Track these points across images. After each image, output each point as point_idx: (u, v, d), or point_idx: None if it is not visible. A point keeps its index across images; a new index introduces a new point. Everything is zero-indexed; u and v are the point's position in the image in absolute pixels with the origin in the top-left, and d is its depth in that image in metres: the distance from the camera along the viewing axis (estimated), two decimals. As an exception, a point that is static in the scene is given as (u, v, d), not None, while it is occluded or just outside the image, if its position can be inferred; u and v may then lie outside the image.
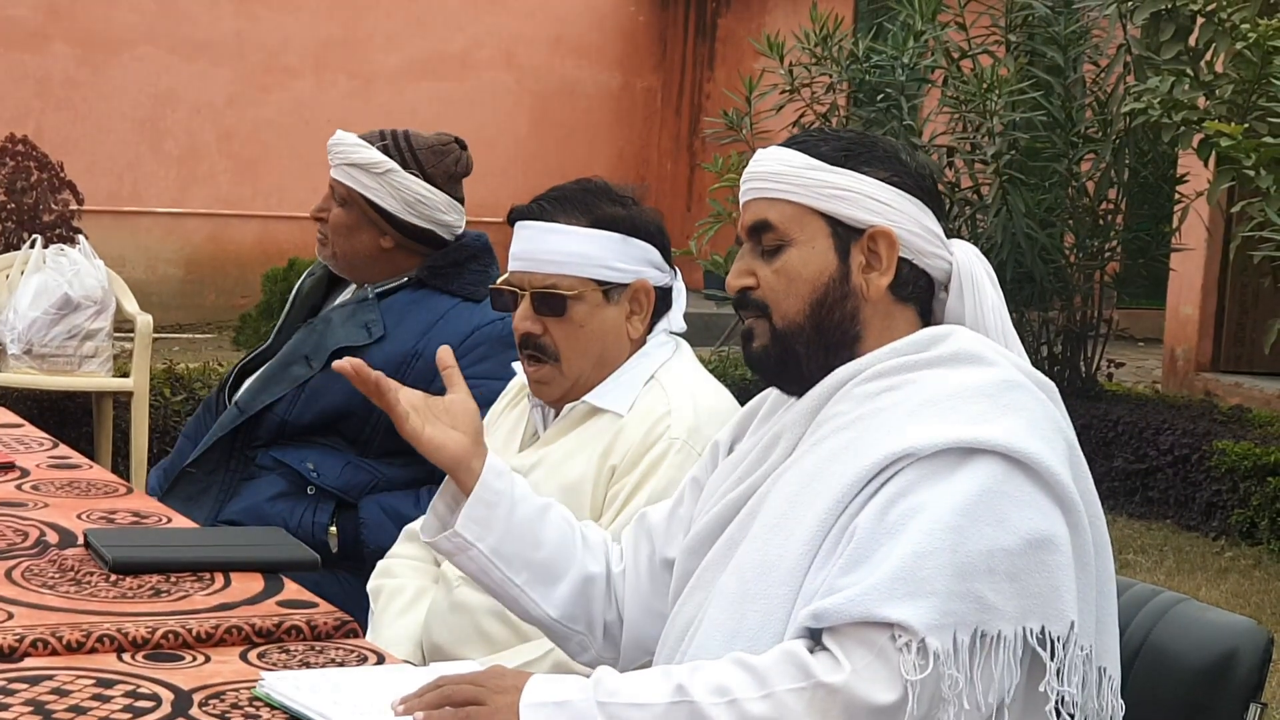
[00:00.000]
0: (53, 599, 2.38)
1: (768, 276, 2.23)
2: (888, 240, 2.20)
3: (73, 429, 6.75)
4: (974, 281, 2.24)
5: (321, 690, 2.06)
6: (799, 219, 2.21)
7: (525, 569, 2.38)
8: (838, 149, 2.23)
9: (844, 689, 1.94)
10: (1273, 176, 6.54)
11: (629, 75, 14.91)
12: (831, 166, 2.21)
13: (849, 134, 2.27)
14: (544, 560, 2.39)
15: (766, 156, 2.26)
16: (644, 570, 2.42)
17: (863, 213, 2.20)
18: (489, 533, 2.36)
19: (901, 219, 2.21)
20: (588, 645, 2.45)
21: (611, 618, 2.44)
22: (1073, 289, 8.96)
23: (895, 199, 2.21)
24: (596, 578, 2.43)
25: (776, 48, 8.84)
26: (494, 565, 2.38)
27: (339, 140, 3.70)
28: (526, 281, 2.83)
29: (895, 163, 2.23)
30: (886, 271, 2.21)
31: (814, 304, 2.21)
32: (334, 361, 2.38)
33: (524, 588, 2.39)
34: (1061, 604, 2.01)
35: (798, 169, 2.21)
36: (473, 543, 2.36)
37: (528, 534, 2.38)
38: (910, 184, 2.23)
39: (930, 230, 2.23)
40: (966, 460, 2.03)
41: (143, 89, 13.07)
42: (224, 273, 13.28)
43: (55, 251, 6.80)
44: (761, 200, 2.24)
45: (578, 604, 2.42)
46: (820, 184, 2.20)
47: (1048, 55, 8.58)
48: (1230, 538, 7.53)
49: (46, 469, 3.26)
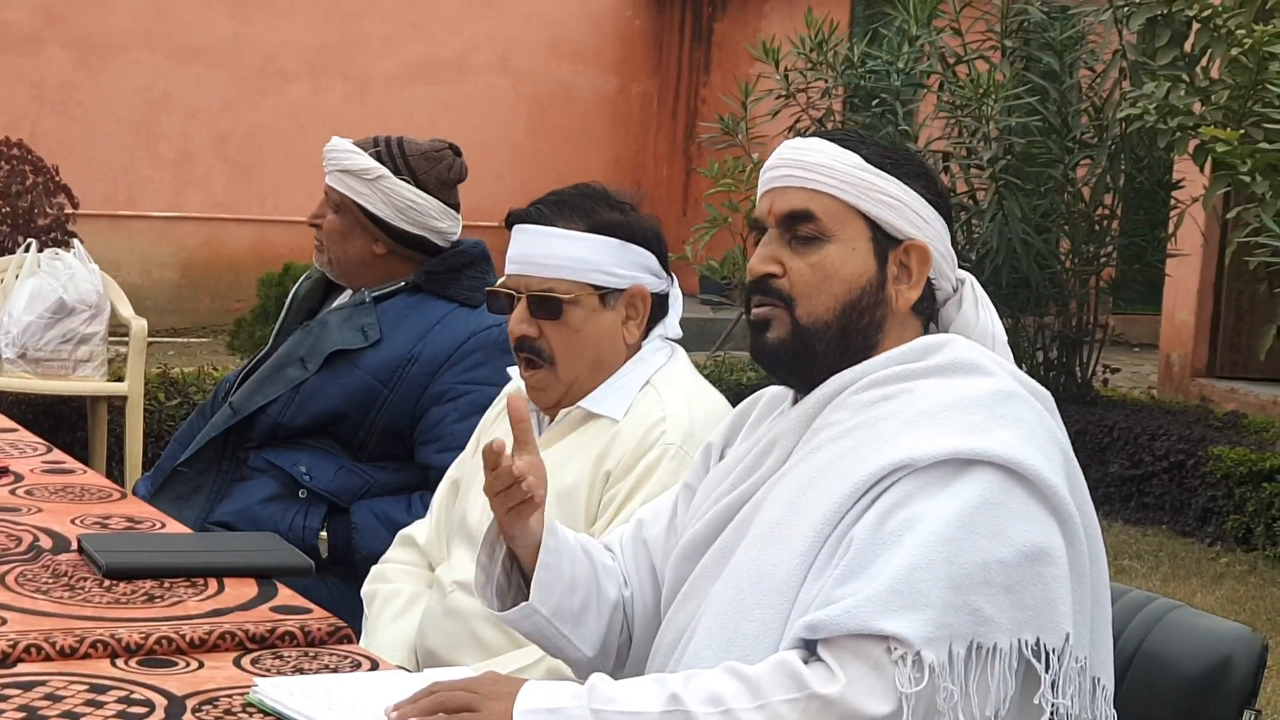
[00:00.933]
0: (46, 604, 2.38)
1: (800, 268, 2.19)
2: (922, 255, 2.19)
3: (67, 433, 6.73)
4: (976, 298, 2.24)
5: (315, 696, 2.05)
6: (843, 217, 2.19)
7: (570, 620, 2.32)
8: (880, 155, 2.21)
9: (839, 700, 1.94)
10: (1268, 182, 6.54)
11: (625, 80, 14.91)
12: (881, 172, 2.19)
13: (884, 141, 2.25)
14: (580, 605, 2.33)
15: (809, 147, 2.22)
16: (648, 589, 2.39)
17: (904, 223, 2.19)
18: (551, 596, 2.30)
19: (935, 238, 2.21)
20: (598, 665, 2.38)
21: (624, 640, 2.40)
22: (1068, 294, 8.96)
23: (933, 218, 2.21)
24: (616, 607, 2.38)
25: (772, 53, 8.84)
26: (551, 624, 2.31)
27: (333, 147, 3.71)
28: (523, 285, 2.82)
29: (930, 180, 2.23)
30: (915, 286, 2.20)
31: (846, 306, 2.18)
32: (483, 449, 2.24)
33: (569, 637, 2.33)
34: (1057, 616, 2.00)
35: (849, 166, 2.18)
36: (538, 609, 2.30)
37: (568, 583, 2.32)
38: (941, 204, 2.23)
39: (950, 251, 2.24)
40: (963, 472, 2.02)
41: (138, 93, 13.07)
42: (219, 277, 13.27)
43: (50, 255, 6.79)
44: (802, 190, 2.20)
45: (607, 637, 2.37)
46: (870, 186, 2.18)
47: (1043, 61, 8.59)
48: (1225, 544, 7.53)
49: (40, 474, 3.25)
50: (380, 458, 3.61)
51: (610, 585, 2.38)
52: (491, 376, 3.50)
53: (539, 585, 2.29)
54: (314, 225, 3.74)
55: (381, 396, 3.58)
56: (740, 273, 8.82)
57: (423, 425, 3.57)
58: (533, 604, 2.29)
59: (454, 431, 3.49)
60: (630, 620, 2.40)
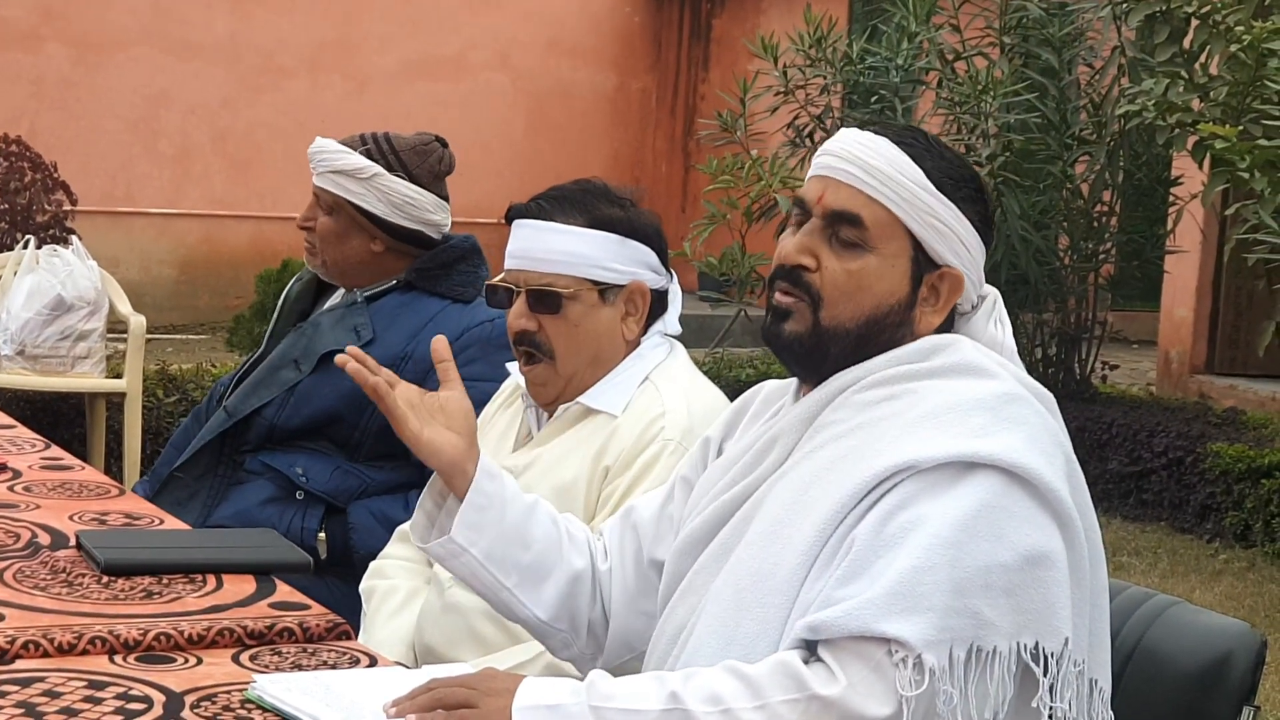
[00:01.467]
0: (44, 600, 2.38)
1: (835, 271, 2.16)
2: (954, 284, 2.18)
3: (65, 430, 6.73)
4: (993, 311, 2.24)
5: (313, 692, 2.05)
6: (891, 230, 2.16)
7: (515, 571, 2.37)
8: (944, 172, 2.17)
9: (838, 702, 1.94)
10: (1267, 179, 6.54)
11: (624, 77, 14.92)
12: (939, 194, 2.15)
13: (950, 154, 2.20)
14: (532, 561, 2.38)
15: (876, 147, 2.17)
16: (630, 568, 2.41)
17: (947, 251, 2.17)
18: (481, 537, 2.34)
19: (971, 266, 2.19)
20: (570, 643, 2.44)
21: (596, 616, 2.43)
22: (1067, 291, 8.96)
23: (975, 246, 2.19)
24: (582, 576, 2.41)
25: (771, 49, 8.84)
26: (485, 569, 2.36)
27: (320, 148, 3.67)
28: (522, 279, 2.82)
29: (981, 202, 2.20)
30: (940, 311, 2.19)
31: (871, 319, 2.17)
32: (336, 357, 2.35)
33: (514, 590, 2.38)
34: (1056, 620, 2.00)
35: (910, 182, 2.15)
36: (465, 548, 2.34)
37: (518, 536, 2.36)
38: (987, 232, 2.21)
39: (980, 277, 2.23)
40: (966, 474, 2.02)
41: (137, 90, 13.07)
42: (217, 274, 13.27)
43: (48, 252, 6.79)
44: (857, 191, 2.16)
45: (564, 604, 2.40)
46: (926, 208, 2.15)
47: (1042, 57, 8.59)
48: (1224, 540, 7.53)
49: (39, 470, 3.25)
50: (376, 457, 3.60)
51: (577, 557, 2.41)
52: (486, 372, 3.49)
53: (464, 524, 2.33)
54: (305, 229, 3.73)
55: (376, 396, 3.57)
56: (739, 269, 8.82)
57: (418, 423, 3.56)
58: (456, 540, 2.33)
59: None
60: (606, 597, 2.41)
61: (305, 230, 3.72)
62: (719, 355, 9.45)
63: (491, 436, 3.01)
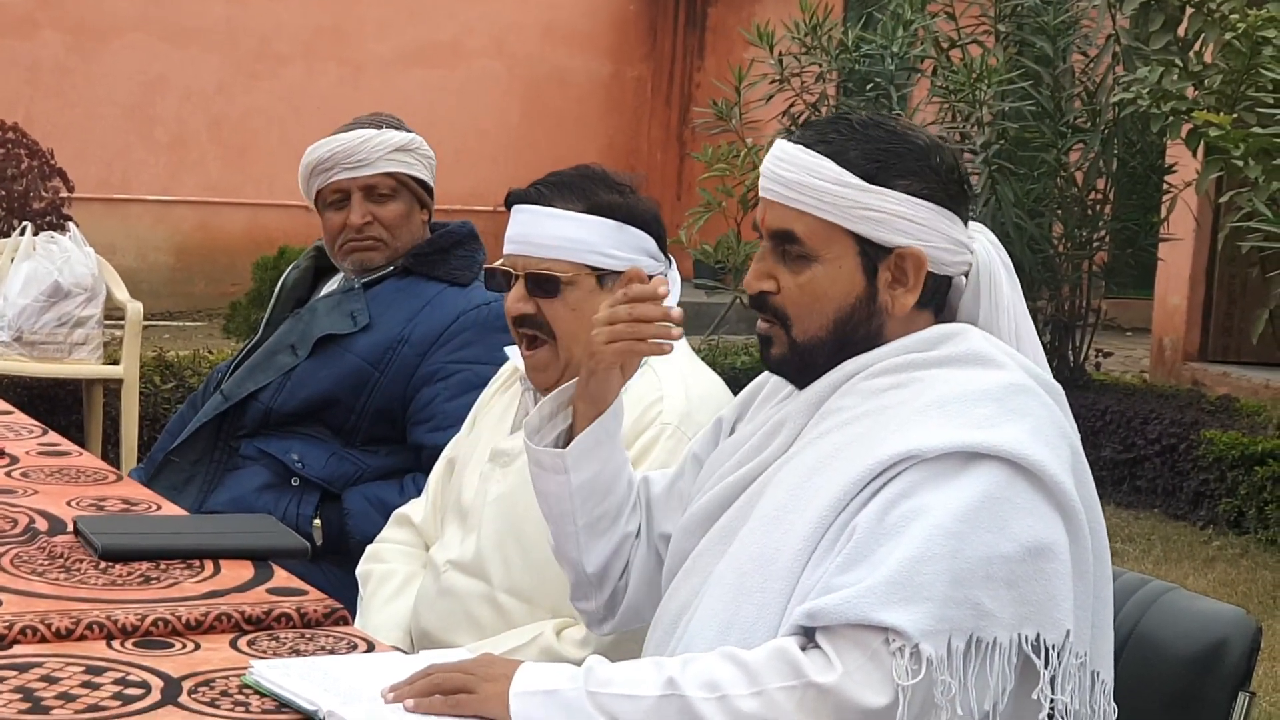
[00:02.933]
0: (42, 586, 2.38)
1: (791, 288, 2.18)
2: (916, 261, 2.16)
3: (63, 416, 6.73)
4: (991, 280, 2.21)
5: (311, 677, 2.05)
6: (827, 236, 2.16)
7: (589, 515, 2.37)
8: (869, 156, 2.15)
9: (835, 690, 1.94)
10: (1261, 166, 6.54)
11: (619, 64, 14.90)
12: (863, 183, 2.14)
13: (877, 133, 2.18)
14: (603, 513, 2.38)
15: (792, 159, 2.18)
16: (644, 545, 2.42)
17: (893, 234, 2.15)
18: (587, 466, 2.34)
19: (930, 236, 2.16)
20: (591, 596, 2.45)
21: (621, 585, 2.44)
22: (1061, 279, 8.97)
23: (926, 215, 2.16)
24: (627, 543, 2.42)
25: (766, 37, 8.83)
26: (571, 499, 2.36)
27: (366, 136, 3.64)
28: (521, 264, 2.82)
29: (927, 171, 2.16)
30: (913, 289, 2.17)
31: (838, 322, 2.17)
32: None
33: (580, 531, 2.38)
34: (1058, 612, 2.00)
35: (828, 184, 2.14)
36: (568, 469, 2.34)
37: (606, 485, 2.37)
38: (939, 193, 2.17)
39: (955, 240, 2.19)
40: (970, 465, 2.02)
41: (133, 76, 13.04)
42: (214, 260, 13.25)
43: (45, 239, 6.79)
44: (787, 209, 2.18)
45: (609, 564, 2.41)
46: (851, 204, 2.14)
47: (1037, 45, 8.59)
48: (1218, 527, 7.54)
49: (36, 456, 3.26)
50: (372, 442, 3.61)
51: (634, 520, 2.42)
52: (482, 355, 3.50)
53: (581, 449, 2.33)
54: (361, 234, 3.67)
55: (373, 379, 3.58)
56: (734, 256, 8.83)
57: (414, 405, 3.57)
58: (565, 457, 2.33)
59: (446, 410, 3.49)
60: (630, 566, 2.43)
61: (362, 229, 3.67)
62: (714, 343, 9.45)
63: (489, 419, 3.02)
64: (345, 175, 3.65)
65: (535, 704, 1.97)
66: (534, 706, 1.97)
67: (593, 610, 2.47)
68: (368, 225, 3.66)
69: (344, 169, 3.65)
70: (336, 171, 3.66)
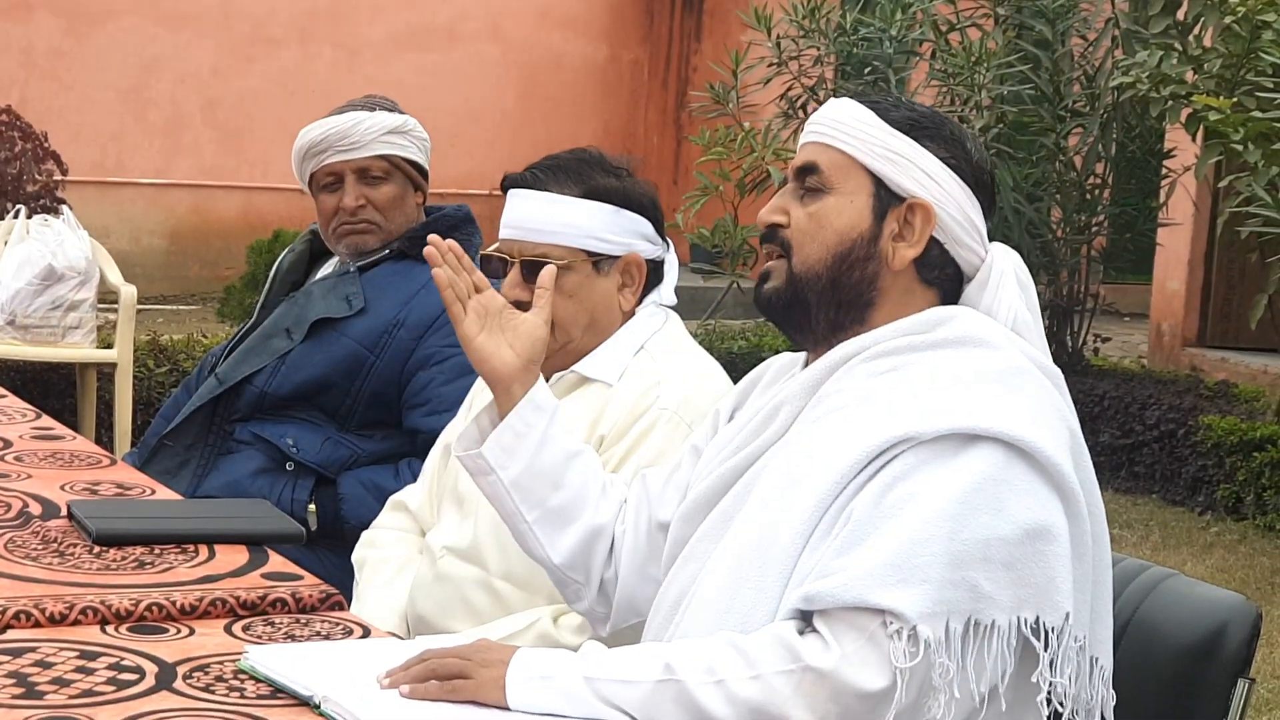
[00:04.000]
0: (36, 571, 2.37)
1: (799, 217, 2.22)
2: (925, 214, 2.18)
3: (56, 400, 6.72)
4: (1001, 281, 2.22)
5: (306, 663, 2.05)
6: (846, 170, 2.21)
7: (538, 508, 2.38)
8: (908, 118, 2.22)
9: (832, 673, 1.93)
10: (1260, 151, 6.53)
11: (615, 47, 14.87)
12: (895, 130, 2.20)
13: (925, 109, 2.26)
14: (559, 504, 2.38)
15: (838, 106, 2.25)
16: (641, 532, 2.41)
17: (909, 181, 2.19)
18: (512, 462, 2.35)
19: (946, 200, 2.19)
20: (583, 595, 2.45)
21: (609, 576, 2.43)
22: (1059, 263, 8.96)
23: (946, 179, 2.20)
24: (603, 532, 2.41)
25: (764, 20, 8.82)
26: (509, 496, 2.37)
27: (358, 119, 3.63)
28: (516, 249, 2.81)
29: (958, 147, 2.22)
30: (915, 244, 2.19)
31: (837, 256, 2.19)
32: (424, 249, 2.38)
33: (532, 526, 2.39)
34: (1057, 595, 2.00)
35: (860, 122, 2.21)
36: (494, 468, 2.35)
37: (550, 475, 2.37)
38: (966, 172, 2.22)
39: (972, 222, 2.22)
40: (967, 446, 2.01)
41: (127, 59, 13.01)
42: (208, 244, 13.24)
43: (39, 222, 6.77)
44: (818, 145, 2.24)
45: (579, 555, 2.41)
46: (877, 142, 2.19)
47: (1036, 29, 8.57)
48: (1216, 512, 7.54)
49: (29, 440, 3.24)
50: (367, 426, 3.60)
51: (604, 513, 2.41)
52: (476, 340, 3.49)
53: (499, 446, 2.35)
54: (357, 212, 3.66)
55: (368, 363, 3.57)
56: (731, 240, 8.82)
57: (410, 390, 3.56)
58: (485, 457, 2.35)
59: (441, 394, 3.49)
60: (617, 558, 2.42)
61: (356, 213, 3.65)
62: (711, 327, 9.44)
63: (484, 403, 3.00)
64: (338, 158, 3.64)
65: (532, 689, 1.97)
66: (531, 692, 1.97)
67: (589, 609, 2.46)
68: (361, 208, 3.65)
69: (337, 152, 3.64)
70: (329, 154, 3.64)
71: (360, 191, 3.65)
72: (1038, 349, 2.20)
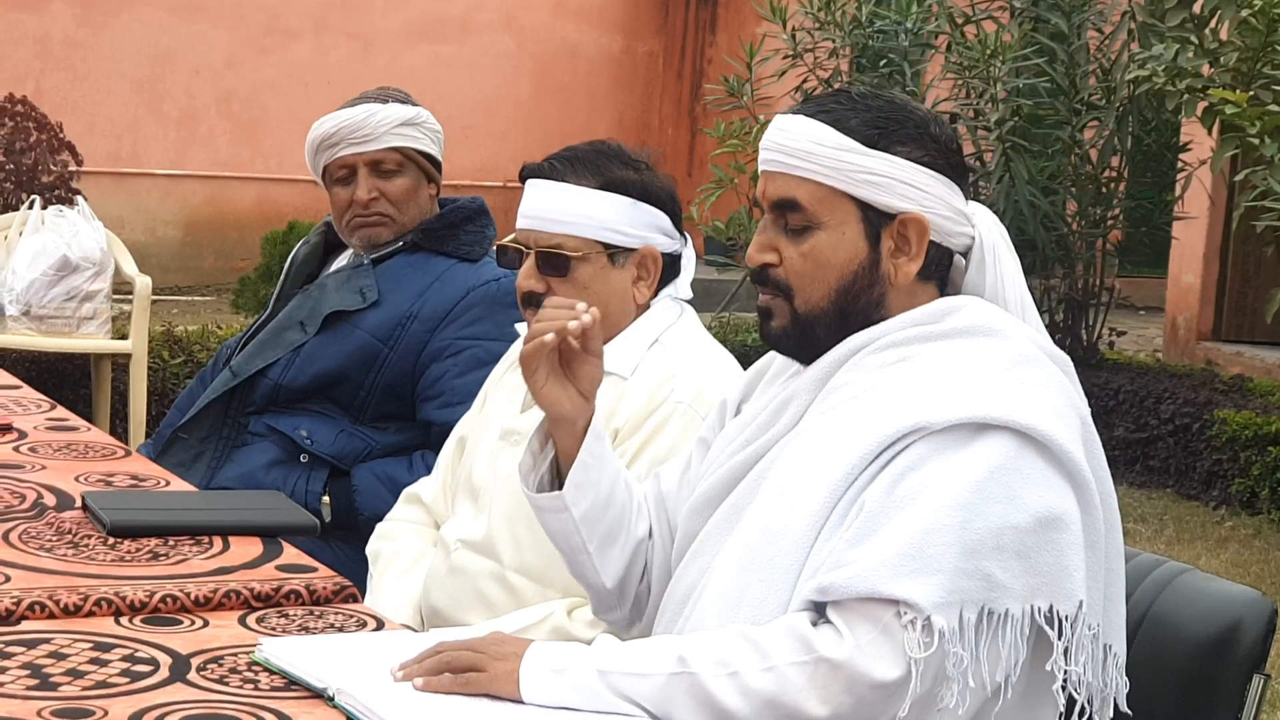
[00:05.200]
0: (50, 562, 2.37)
1: (793, 258, 2.17)
2: (919, 227, 2.15)
3: (70, 391, 6.73)
4: (995, 253, 2.21)
5: (320, 655, 2.04)
6: (829, 202, 2.15)
7: (598, 536, 2.32)
8: (869, 124, 2.15)
9: (846, 664, 1.93)
10: (1277, 144, 6.51)
11: (630, 39, 14.85)
12: (864, 148, 2.14)
13: (876, 102, 2.18)
14: (609, 527, 2.33)
15: (793, 129, 2.17)
16: (666, 543, 2.38)
17: (895, 199, 2.15)
18: (584, 498, 2.30)
19: (932, 203, 2.16)
20: (615, 606, 2.41)
21: (643, 590, 2.40)
22: (1075, 257, 8.94)
23: (927, 182, 2.16)
24: (643, 544, 2.38)
25: (779, 12, 8.80)
26: (578, 531, 2.31)
27: (372, 111, 3.62)
28: (532, 240, 2.80)
29: (926, 139, 2.17)
30: (916, 257, 2.16)
31: (840, 291, 2.16)
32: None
33: (593, 554, 2.33)
34: (1071, 583, 1.99)
35: (829, 149, 2.14)
36: (568, 506, 2.30)
37: (607, 499, 2.32)
38: (940, 162, 2.18)
39: (956, 209, 2.19)
40: (979, 435, 2.01)
41: (142, 50, 13.02)
42: (223, 235, 13.25)
43: (54, 213, 6.78)
44: (789, 177, 2.17)
45: (626, 571, 2.37)
46: (853, 168, 2.14)
47: (1052, 21, 8.55)
48: (1230, 507, 7.53)
49: (44, 431, 3.24)
50: (381, 419, 3.60)
51: (641, 523, 2.38)
52: (491, 331, 3.48)
53: (574, 484, 2.28)
54: (370, 205, 3.65)
55: (382, 355, 3.57)
56: (746, 233, 8.81)
57: (424, 382, 3.56)
58: (564, 497, 2.28)
59: (455, 387, 3.48)
60: (649, 569, 2.39)
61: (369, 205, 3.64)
62: (725, 320, 9.45)
63: (499, 397, 3.00)
64: (351, 151, 3.63)
65: (545, 682, 1.96)
66: (544, 685, 1.96)
67: (618, 619, 2.44)
68: (374, 201, 3.65)
69: (349, 144, 3.63)
70: (342, 147, 3.64)
71: (373, 184, 3.65)
72: (1032, 314, 2.19)
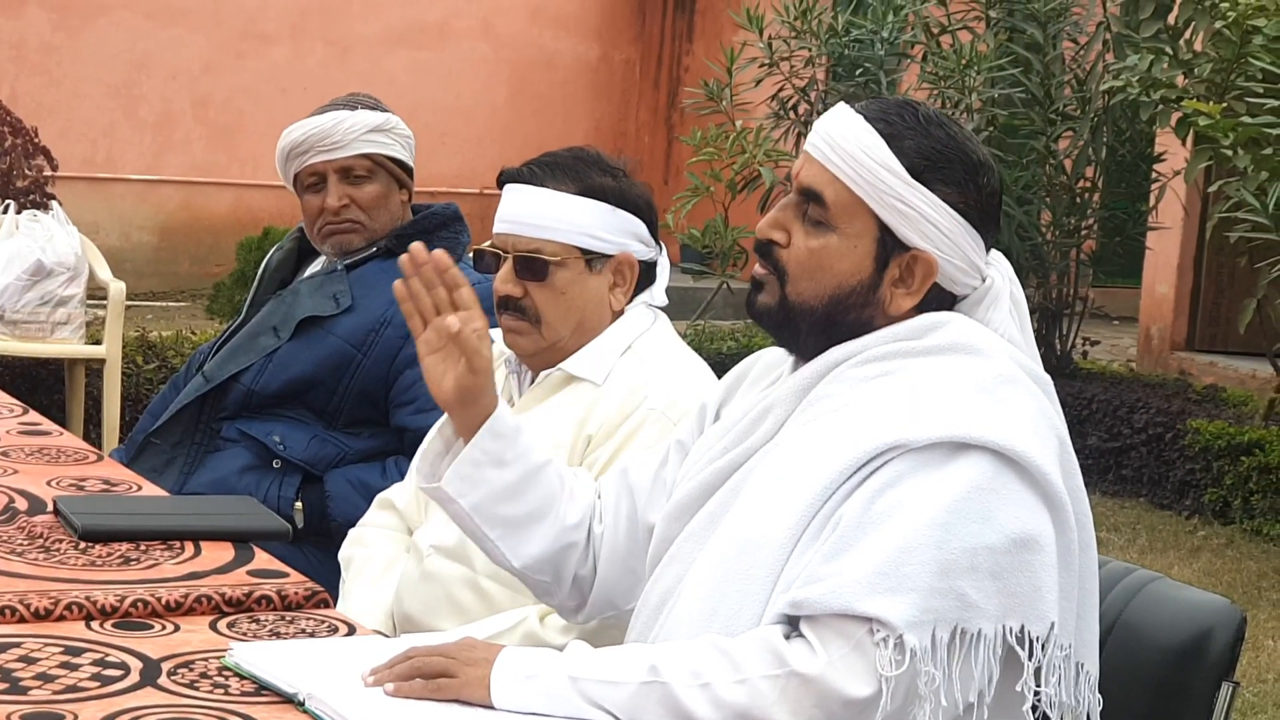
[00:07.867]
0: (21, 566, 2.37)
1: (800, 248, 2.17)
2: (927, 268, 2.14)
3: (44, 396, 6.71)
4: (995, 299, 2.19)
5: (291, 660, 2.04)
6: (853, 210, 2.14)
7: (500, 524, 2.34)
8: (922, 153, 2.13)
9: (818, 679, 1.94)
10: (1250, 156, 6.54)
11: (607, 47, 14.86)
12: (907, 175, 2.12)
13: (939, 132, 2.15)
14: (522, 515, 2.35)
15: (848, 127, 2.15)
16: (623, 529, 2.39)
17: (915, 234, 2.13)
18: (472, 491, 2.32)
19: (950, 251, 2.15)
20: (552, 592, 2.43)
21: (584, 572, 2.41)
22: (1049, 267, 8.97)
23: (953, 228, 2.14)
24: (573, 532, 2.39)
25: (756, 21, 8.82)
26: (470, 519, 2.34)
27: (340, 119, 3.61)
28: (510, 244, 2.81)
29: (970, 186, 2.15)
30: (915, 293, 2.16)
31: (834, 298, 2.16)
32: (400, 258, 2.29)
33: (496, 541, 2.36)
34: (1043, 604, 2.00)
35: (873, 163, 2.12)
36: (454, 498, 2.32)
37: (511, 492, 2.33)
38: (974, 214, 2.15)
39: (970, 261, 2.17)
40: (957, 455, 2.01)
41: (118, 55, 12.99)
42: (198, 240, 13.21)
43: (29, 217, 6.76)
44: (825, 170, 2.15)
45: (549, 557, 2.38)
46: (888, 191, 2.12)
47: (1027, 32, 8.58)
48: (1203, 516, 7.55)
49: (16, 435, 3.24)
50: (354, 424, 3.59)
51: (572, 514, 2.38)
52: (465, 335, 3.48)
53: (457, 476, 2.31)
54: (341, 212, 3.64)
55: (355, 361, 3.56)
56: (722, 241, 8.82)
57: (397, 388, 3.55)
58: (444, 488, 2.32)
59: (428, 392, 3.47)
60: (596, 555, 2.40)
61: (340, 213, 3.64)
62: (700, 328, 9.44)
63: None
64: (320, 158, 3.63)
65: (517, 688, 1.97)
66: (515, 691, 1.97)
67: (560, 604, 2.46)
68: (345, 208, 3.65)
69: (319, 152, 3.63)
70: (312, 154, 3.64)
71: (343, 191, 3.64)
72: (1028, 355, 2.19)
